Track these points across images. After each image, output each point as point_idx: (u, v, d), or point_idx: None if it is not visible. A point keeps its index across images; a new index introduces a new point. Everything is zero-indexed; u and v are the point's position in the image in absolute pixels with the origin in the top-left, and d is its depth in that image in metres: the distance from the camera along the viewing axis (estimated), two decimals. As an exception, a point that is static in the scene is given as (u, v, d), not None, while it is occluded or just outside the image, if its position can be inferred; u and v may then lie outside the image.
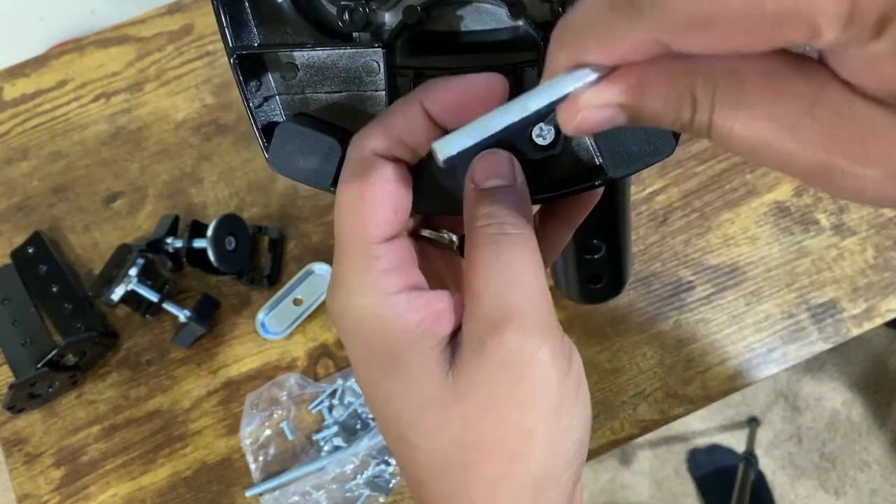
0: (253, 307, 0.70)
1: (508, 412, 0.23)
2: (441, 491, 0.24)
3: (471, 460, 0.23)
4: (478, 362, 0.23)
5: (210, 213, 0.73)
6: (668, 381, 0.65)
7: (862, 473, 1.40)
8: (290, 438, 0.66)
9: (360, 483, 0.64)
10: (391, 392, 0.24)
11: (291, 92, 0.28)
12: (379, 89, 0.27)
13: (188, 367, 0.69)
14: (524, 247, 0.23)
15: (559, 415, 0.23)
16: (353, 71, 0.27)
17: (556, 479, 0.24)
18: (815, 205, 0.68)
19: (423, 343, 0.24)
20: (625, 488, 1.43)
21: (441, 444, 0.24)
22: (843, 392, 1.45)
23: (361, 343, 0.25)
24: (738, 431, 1.43)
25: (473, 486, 0.23)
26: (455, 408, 0.23)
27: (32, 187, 0.76)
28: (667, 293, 0.67)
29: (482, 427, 0.23)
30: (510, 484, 0.23)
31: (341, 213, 0.24)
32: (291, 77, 0.27)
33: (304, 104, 0.28)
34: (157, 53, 0.79)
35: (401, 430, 0.24)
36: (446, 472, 0.24)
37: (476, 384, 0.23)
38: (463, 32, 0.28)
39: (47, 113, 0.78)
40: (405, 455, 0.25)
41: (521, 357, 0.22)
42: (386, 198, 0.24)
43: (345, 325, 0.25)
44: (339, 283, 0.25)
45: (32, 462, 0.68)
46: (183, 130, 0.76)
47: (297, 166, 0.27)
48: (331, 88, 0.27)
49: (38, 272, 0.71)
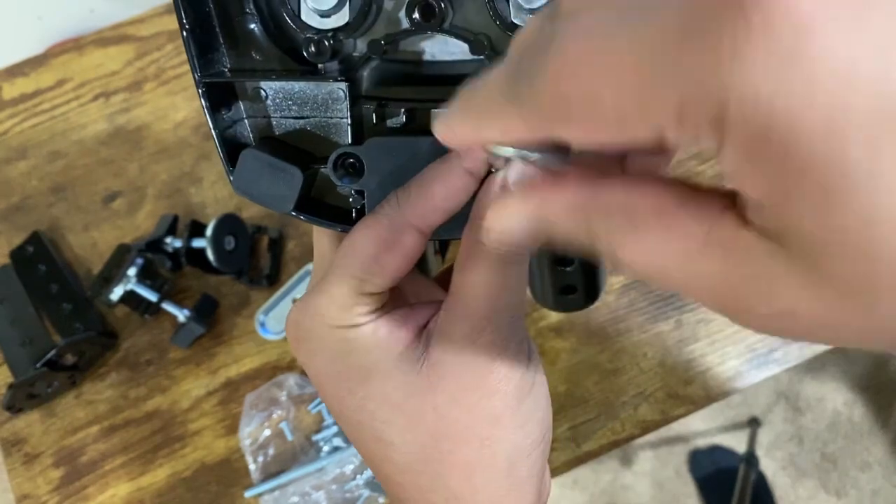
0: (252, 307, 0.70)
1: (478, 401, 0.25)
2: (420, 484, 0.26)
3: (446, 450, 0.25)
4: (452, 356, 0.25)
5: (209, 213, 0.73)
6: (669, 382, 0.65)
7: (863, 474, 1.40)
8: (289, 439, 0.66)
9: (359, 483, 0.63)
10: (367, 395, 0.26)
11: (259, 115, 0.29)
12: (344, 117, 0.28)
13: (187, 367, 0.69)
14: (522, 267, 0.25)
15: (521, 399, 0.26)
16: (320, 98, 0.28)
17: (525, 458, 0.26)
18: (817, 204, 0.68)
19: (393, 348, 0.26)
20: (626, 489, 1.42)
21: (417, 438, 0.25)
22: (845, 392, 1.45)
23: (328, 359, 0.26)
24: (739, 432, 1.43)
25: (450, 475, 0.25)
26: (429, 398, 0.25)
27: (31, 187, 0.76)
28: (667, 293, 0.67)
29: (453, 415, 0.25)
30: (484, 467, 0.25)
31: (348, 252, 0.25)
32: (259, 101, 0.28)
33: (271, 128, 0.29)
34: (157, 53, 0.79)
35: (377, 431, 0.26)
36: (424, 466, 0.26)
37: (448, 376, 0.25)
38: (428, 63, 0.28)
39: (46, 112, 0.78)
40: (381, 455, 0.27)
41: (491, 353, 0.25)
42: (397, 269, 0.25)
43: (311, 344, 0.27)
44: (310, 310, 0.26)
45: (31, 462, 0.67)
46: (182, 130, 0.76)
47: (259, 191, 0.27)
48: (298, 114, 0.28)
49: (37, 272, 0.71)
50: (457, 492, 0.26)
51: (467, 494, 0.26)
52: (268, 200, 0.28)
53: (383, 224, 0.25)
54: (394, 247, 0.25)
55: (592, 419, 0.64)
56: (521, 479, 0.26)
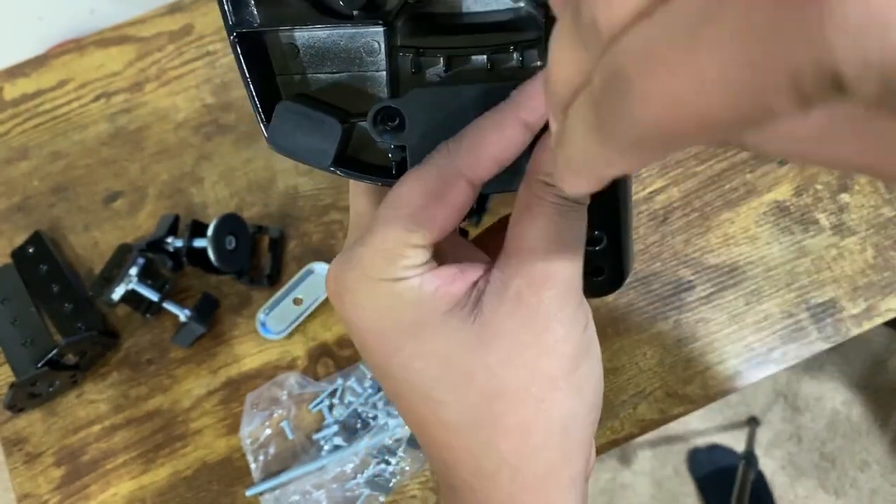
0: (253, 307, 0.70)
1: (535, 360, 0.24)
2: (470, 447, 0.25)
3: (498, 411, 0.24)
4: (508, 312, 0.24)
5: (210, 213, 0.73)
6: (668, 381, 0.65)
7: (862, 473, 1.40)
8: (290, 438, 0.66)
9: (360, 482, 0.64)
10: (414, 353, 0.25)
11: (291, 72, 0.28)
12: (380, 69, 0.27)
13: (188, 367, 0.69)
14: (582, 222, 0.25)
15: (578, 363, 0.25)
16: (354, 51, 0.27)
17: (579, 423, 0.25)
18: (815, 204, 0.69)
19: (442, 304, 0.24)
20: (625, 488, 1.43)
21: (469, 397, 0.24)
22: (843, 392, 1.45)
23: (373, 314, 0.25)
24: (737, 431, 1.43)
25: (503, 438, 0.24)
26: (482, 355, 0.24)
27: (32, 187, 0.76)
28: (667, 293, 0.67)
29: (508, 374, 0.24)
30: (539, 430, 0.24)
31: (395, 204, 0.24)
32: (292, 57, 0.27)
33: (304, 85, 0.28)
34: (158, 53, 0.79)
35: (426, 389, 0.25)
36: (476, 429, 0.24)
37: (503, 333, 0.24)
38: (464, 13, 0.27)
39: (47, 113, 0.78)
40: (428, 416, 0.25)
41: (550, 312, 0.24)
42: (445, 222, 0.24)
43: (355, 297, 0.25)
44: (355, 263, 0.25)
45: (33, 461, 0.68)
46: (183, 130, 0.76)
47: (296, 145, 0.26)
48: (331, 69, 0.27)
49: (38, 272, 0.71)
50: (509, 456, 0.24)
51: (521, 458, 0.24)
52: (305, 155, 0.26)
53: (433, 174, 0.24)
54: (444, 197, 0.24)
55: (592, 418, 0.64)
56: (574, 444, 0.25)
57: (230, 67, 0.77)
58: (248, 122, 0.76)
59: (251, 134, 0.75)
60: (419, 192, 0.24)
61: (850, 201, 0.68)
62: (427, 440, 0.26)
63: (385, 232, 0.24)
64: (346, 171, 0.27)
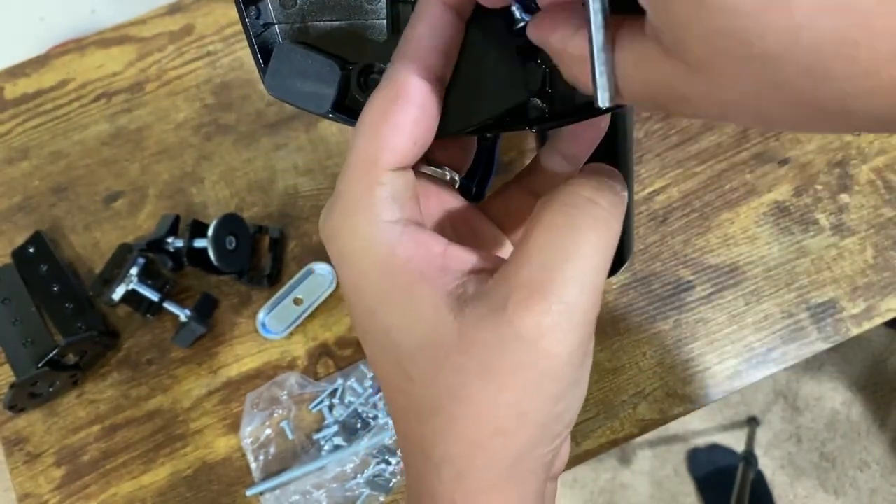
0: (253, 307, 0.70)
1: (508, 391, 0.21)
2: (423, 434, 0.23)
3: (457, 415, 0.22)
4: (493, 324, 0.21)
5: (210, 213, 0.73)
6: (668, 381, 0.65)
7: (861, 473, 1.40)
8: (290, 438, 0.66)
9: (360, 482, 0.64)
10: (390, 323, 0.23)
11: (290, 21, 0.27)
12: (380, 18, 0.26)
13: (188, 367, 0.69)
14: (603, 231, 0.22)
15: (557, 402, 0.22)
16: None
17: (538, 453, 0.23)
18: (815, 205, 0.69)
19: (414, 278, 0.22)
20: (624, 488, 1.43)
21: (432, 390, 0.22)
22: (843, 392, 1.45)
23: (351, 265, 0.24)
24: (737, 431, 1.43)
25: (453, 442, 0.22)
26: (454, 358, 0.22)
27: (33, 187, 0.76)
28: (666, 293, 0.67)
29: (475, 389, 0.21)
30: (490, 452, 0.22)
31: (359, 130, 0.24)
32: (291, 5, 0.27)
33: (304, 33, 0.27)
34: (158, 53, 0.79)
35: (400, 358, 0.23)
36: (431, 418, 0.23)
37: (483, 346, 0.21)
38: None
39: (48, 113, 0.78)
40: (397, 384, 0.24)
41: (541, 339, 0.21)
42: (409, 125, 0.23)
43: (336, 245, 0.24)
44: (337, 202, 0.24)
45: (33, 461, 0.68)
46: (183, 130, 0.76)
47: (295, 89, 0.26)
48: (331, 17, 0.27)
49: (38, 272, 0.71)
50: (456, 459, 0.23)
51: (467, 466, 0.22)
52: (304, 100, 0.26)
53: (384, 83, 0.24)
54: (399, 98, 0.23)
55: (591, 418, 0.64)
56: (525, 471, 0.23)
57: (231, 67, 0.77)
58: (249, 123, 0.76)
59: (251, 134, 0.75)
60: (377, 104, 0.23)
61: (850, 201, 0.68)
62: (394, 407, 0.25)
63: (355, 155, 0.23)
64: (345, 117, 0.27)
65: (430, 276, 0.22)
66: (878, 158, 0.69)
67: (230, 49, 0.78)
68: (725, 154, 0.71)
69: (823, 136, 0.70)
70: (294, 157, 0.74)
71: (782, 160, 0.70)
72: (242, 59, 0.77)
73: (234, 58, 0.77)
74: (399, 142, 0.23)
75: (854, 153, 0.70)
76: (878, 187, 0.68)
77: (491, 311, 0.21)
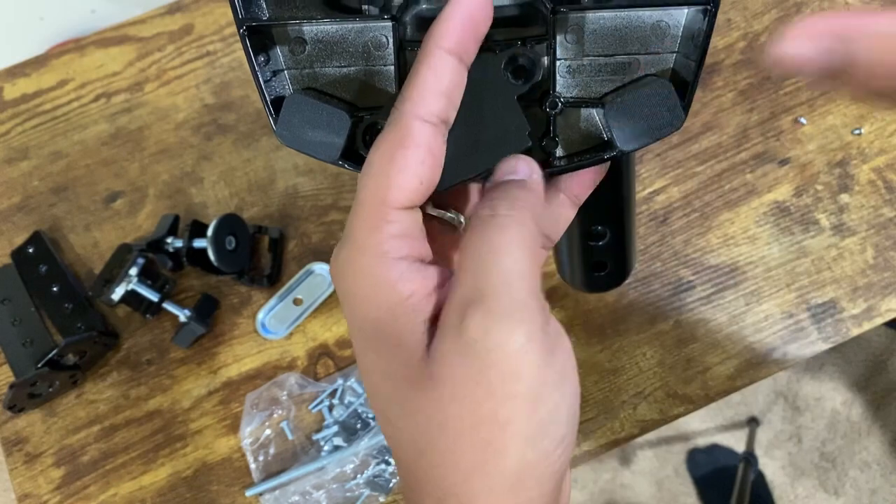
0: (253, 307, 0.70)
1: (480, 401, 0.22)
2: (416, 475, 0.24)
3: (444, 447, 0.22)
4: (450, 345, 0.22)
5: (210, 213, 0.73)
6: (668, 381, 0.65)
7: (862, 473, 1.40)
8: (290, 438, 0.66)
9: (360, 483, 0.64)
10: (373, 366, 0.24)
11: (300, 66, 0.28)
12: (388, 64, 0.27)
13: (188, 367, 0.69)
14: (511, 230, 0.23)
15: (537, 406, 0.22)
16: (362, 45, 0.27)
17: (537, 476, 0.22)
18: (815, 205, 0.69)
19: (406, 317, 0.23)
20: (625, 488, 1.43)
21: (415, 428, 0.23)
22: (843, 392, 1.45)
23: (354, 305, 0.24)
24: (737, 431, 1.43)
25: (445, 476, 0.22)
26: (429, 391, 0.22)
27: (33, 187, 0.76)
28: (667, 293, 0.67)
29: (454, 412, 0.22)
30: (486, 475, 0.22)
31: (367, 172, 0.24)
32: (300, 51, 0.27)
33: (313, 79, 0.28)
34: (158, 53, 0.79)
35: (381, 406, 0.24)
36: (420, 458, 0.23)
37: (448, 368, 0.22)
38: None
39: (48, 113, 0.78)
40: (387, 432, 0.25)
41: (488, 342, 0.21)
42: (416, 166, 0.24)
43: (344, 283, 0.24)
44: (346, 241, 0.25)
45: (32, 462, 0.68)
46: (183, 130, 0.76)
47: (305, 139, 0.27)
48: (339, 63, 0.27)
49: (38, 272, 0.71)
50: (453, 491, 0.22)
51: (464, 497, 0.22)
52: (314, 148, 0.27)
53: (390, 128, 0.24)
54: (405, 141, 0.23)
55: (592, 419, 0.64)
56: (528, 499, 0.22)
57: (230, 67, 0.77)
58: (248, 122, 0.76)
59: (251, 134, 0.75)
60: (384, 148, 0.24)
61: (850, 201, 0.68)
62: (392, 450, 0.26)
63: (363, 196, 0.24)
64: (354, 165, 0.27)
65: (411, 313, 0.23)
66: (878, 158, 0.69)
67: (230, 49, 0.77)
68: (726, 154, 0.71)
69: (823, 136, 0.70)
70: (294, 157, 0.74)
71: (782, 160, 0.70)
72: (242, 59, 0.77)
73: (233, 58, 0.77)
74: (406, 181, 0.23)
75: (854, 153, 0.70)
76: (879, 187, 0.68)
77: (446, 335, 0.22)
